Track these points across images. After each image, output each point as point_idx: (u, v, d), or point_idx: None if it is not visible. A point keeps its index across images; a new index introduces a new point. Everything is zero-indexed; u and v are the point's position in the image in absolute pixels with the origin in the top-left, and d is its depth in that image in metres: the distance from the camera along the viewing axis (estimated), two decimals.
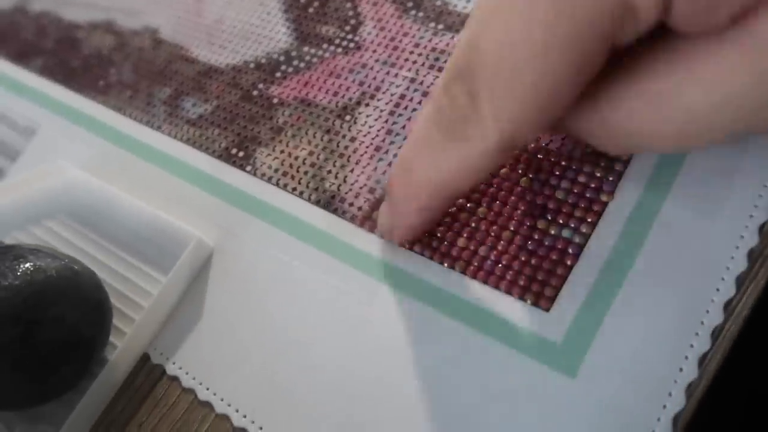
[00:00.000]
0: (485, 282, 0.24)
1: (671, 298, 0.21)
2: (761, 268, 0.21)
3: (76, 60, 0.41)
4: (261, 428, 0.25)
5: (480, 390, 0.22)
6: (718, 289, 0.21)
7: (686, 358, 0.20)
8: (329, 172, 0.29)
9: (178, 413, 0.26)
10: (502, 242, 0.25)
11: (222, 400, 0.26)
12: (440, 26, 0.31)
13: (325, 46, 0.34)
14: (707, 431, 0.20)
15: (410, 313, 0.25)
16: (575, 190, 0.25)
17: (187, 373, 0.27)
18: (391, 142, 0.29)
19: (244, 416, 0.25)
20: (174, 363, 0.27)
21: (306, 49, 0.34)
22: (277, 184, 0.30)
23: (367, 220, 0.27)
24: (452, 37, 0.31)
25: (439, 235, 0.26)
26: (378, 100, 0.31)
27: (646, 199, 0.23)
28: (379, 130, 0.30)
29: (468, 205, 0.26)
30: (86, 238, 0.31)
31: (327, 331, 0.26)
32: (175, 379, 0.27)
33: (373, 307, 0.25)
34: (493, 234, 0.25)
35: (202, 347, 0.27)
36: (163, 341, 0.28)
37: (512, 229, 0.25)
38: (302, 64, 0.34)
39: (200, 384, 0.27)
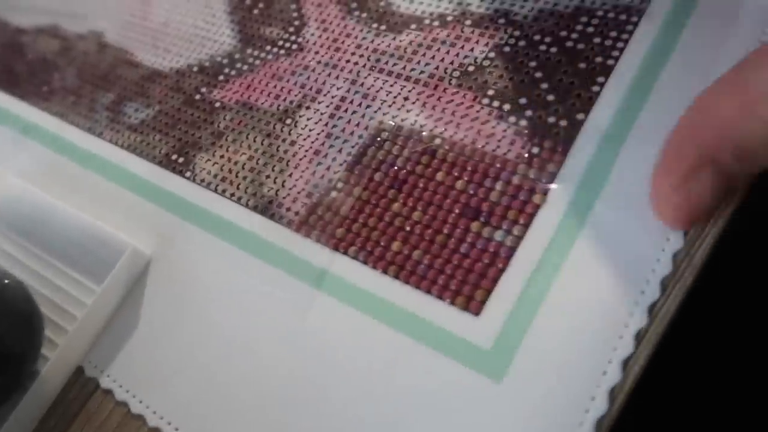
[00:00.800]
0: (417, 287, 0.24)
1: (598, 302, 0.21)
2: (686, 270, 0.20)
3: (20, 65, 0.40)
4: None
5: (409, 395, 0.22)
6: (643, 292, 0.20)
7: (610, 361, 0.20)
8: (268, 177, 0.29)
9: (110, 427, 0.26)
10: (435, 246, 0.24)
11: (155, 413, 0.25)
12: (382, 27, 0.31)
13: (268, 48, 0.33)
14: None
15: (344, 320, 0.24)
16: (509, 192, 0.24)
17: (120, 386, 0.26)
18: (331, 146, 0.29)
19: (176, 429, 0.25)
20: (108, 376, 0.27)
21: (249, 51, 0.34)
22: (216, 190, 0.29)
23: (304, 225, 0.27)
24: (393, 38, 0.30)
25: (374, 239, 0.25)
26: (319, 102, 0.30)
27: (577, 201, 0.23)
28: (318, 134, 0.29)
29: (404, 209, 0.26)
30: (20, 247, 0.31)
31: (263, 341, 0.25)
32: (108, 392, 0.27)
33: (309, 315, 0.25)
34: (427, 238, 0.25)
35: (136, 359, 0.27)
36: (98, 353, 0.28)
37: (446, 232, 0.24)
38: (245, 67, 0.33)
39: (134, 397, 0.26)
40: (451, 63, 0.28)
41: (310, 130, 0.29)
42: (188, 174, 0.31)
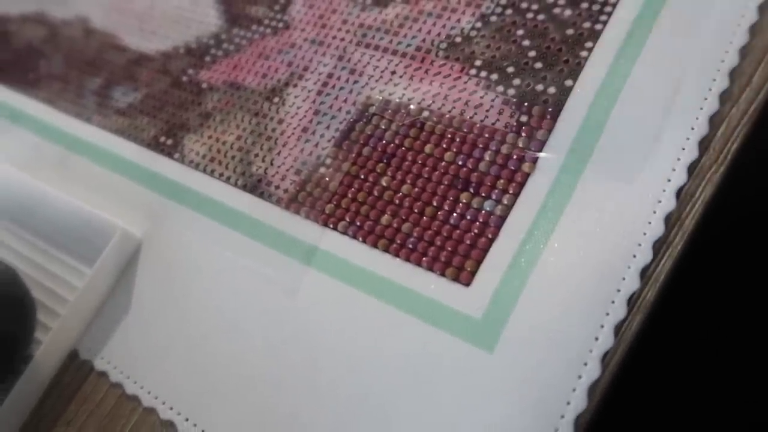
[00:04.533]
0: (408, 259, 0.23)
1: (589, 267, 0.21)
2: (678, 233, 0.20)
3: (6, 53, 0.40)
4: (187, 420, 0.24)
5: (401, 368, 0.22)
6: (634, 256, 0.20)
7: (602, 327, 0.20)
8: (256, 155, 0.29)
9: (106, 409, 0.26)
10: (425, 218, 0.24)
11: (149, 393, 0.25)
12: (368, 1, 0.31)
13: (254, 27, 0.33)
14: (623, 400, 0.19)
15: (335, 295, 0.24)
16: (499, 162, 0.24)
17: (115, 368, 0.26)
18: (319, 122, 0.28)
19: (171, 408, 0.25)
20: (102, 358, 0.27)
21: (236, 31, 0.33)
22: (205, 171, 0.29)
23: (293, 202, 0.27)
24: (380, 12, 0.30)
25: (363, 214, 0.25)
26: (306, 80, 0.30)
27: (567, 167, 0.23)
28: (306, 111, 0.29)
29: (393, 183, 0.25)
30: (10, 233, 0.30)
31: (253, 319, 0.25)
32: (103, 374, 0.26)
33: (299, 291, 0.25)
34: (416, 210, 0.24)
35: (130, 340, 0.27)
36: (92, 336, 0.27)
37: (435, 204, 0.24)
38: (231, 47, 0.33)
39: (128, 378, 0.26)
40: (438, 35, 0.28)
41: (298, 108, 0.29)
42: (177, 155, 0.30)
